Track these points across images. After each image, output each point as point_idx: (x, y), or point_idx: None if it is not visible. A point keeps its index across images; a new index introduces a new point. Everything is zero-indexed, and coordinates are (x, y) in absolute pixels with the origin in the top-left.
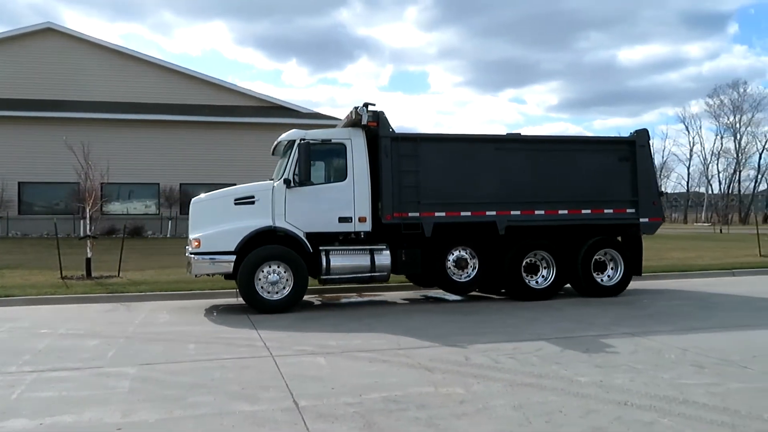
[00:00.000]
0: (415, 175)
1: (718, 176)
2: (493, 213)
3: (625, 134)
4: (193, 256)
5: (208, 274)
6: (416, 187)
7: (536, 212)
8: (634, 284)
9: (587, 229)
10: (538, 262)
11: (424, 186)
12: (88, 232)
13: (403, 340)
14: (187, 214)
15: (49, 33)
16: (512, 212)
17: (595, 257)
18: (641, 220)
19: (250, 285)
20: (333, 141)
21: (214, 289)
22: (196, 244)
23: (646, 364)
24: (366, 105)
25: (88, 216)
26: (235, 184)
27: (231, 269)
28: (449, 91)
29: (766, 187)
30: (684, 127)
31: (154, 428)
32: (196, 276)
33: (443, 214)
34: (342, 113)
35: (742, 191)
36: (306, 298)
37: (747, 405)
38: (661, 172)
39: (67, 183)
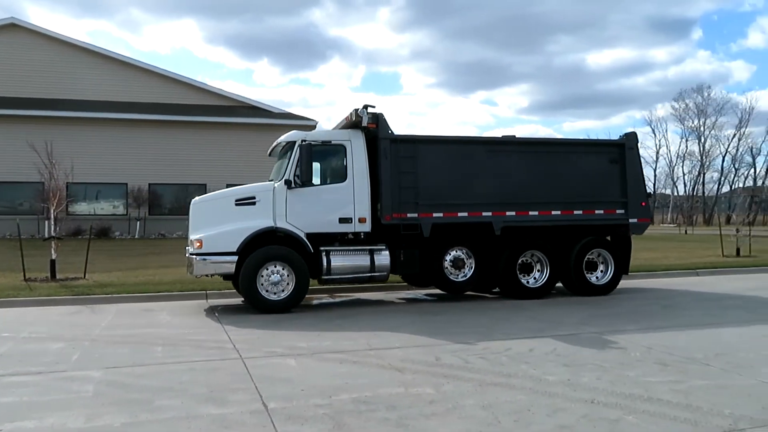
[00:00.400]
0: (413, 176)
1: (684, 178)
2: (489, 214)
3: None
4: (194, 256)
5: (209, 275)
6: (415, 188)
7: (531, 213)
8: None
9: (579, 229)
10: (532, 262)
11: (422, 187)
12: (53, 233)
13: (374, 341)
14: (157, 214)
15: (13, 29)
16: (508, 213)
17: (587, 257)
18: (630, 220)
19: (252, 285)
20: (333, 142)
21: (184, 290)
22: (198, 244)
23: (613, 363)
24: (366, 107)
25: (52, 216)
26: (206, 185)
27: (233, 270)
28: (421, 92)
29: (728, 189)
30: (651, 130)
31: None
32: (197, 276)
33: (441, 214)
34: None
35: (706, 193)
36: None
37: (709, 401)
38: None
39: (30, 182)
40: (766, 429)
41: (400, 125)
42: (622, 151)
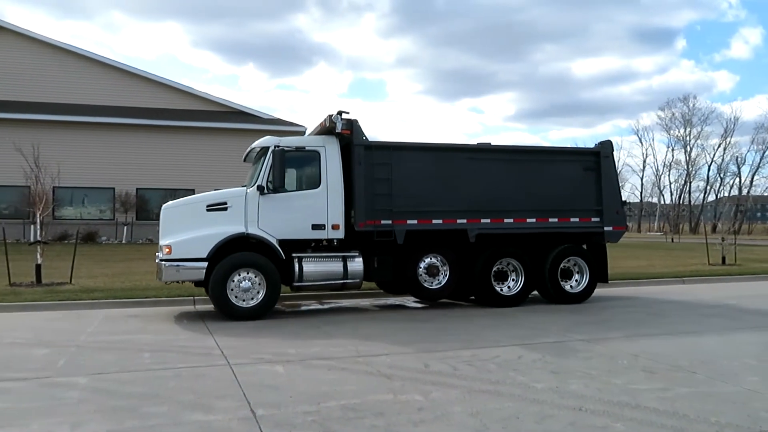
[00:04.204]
0: (387, 183)
1: (670, 187)
2: (464, 221)
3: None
4: (163, 262)
5: (178, 281)
6: (389, 195)
7: (506, 221)
8: None
9: (554, 237)
10: (507, 270)
11: (396, 194)
12: (39, 238)
13: (362, 348)
14: (145, 219)
15: None
16: (482, 220)
17: (562, 265)
18: (605, 228)
19: (222, 292)
20: (307, 148)
21: (171, 296)
22: (167, 250)
23: (600, 370)
24: (340, 113)
25: (38, 221)
26: (193, 190)
27: (203, 276)
28: (408, 99)
29: (714, 198)
30: (637, 138)
31: None
32: (166, 283)
33: (415, 221)
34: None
35: (693, 202)
36: None
37: (695, 409)
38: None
39: (15, 186)
40: None
41: (386, 132)
42: (598, 159)
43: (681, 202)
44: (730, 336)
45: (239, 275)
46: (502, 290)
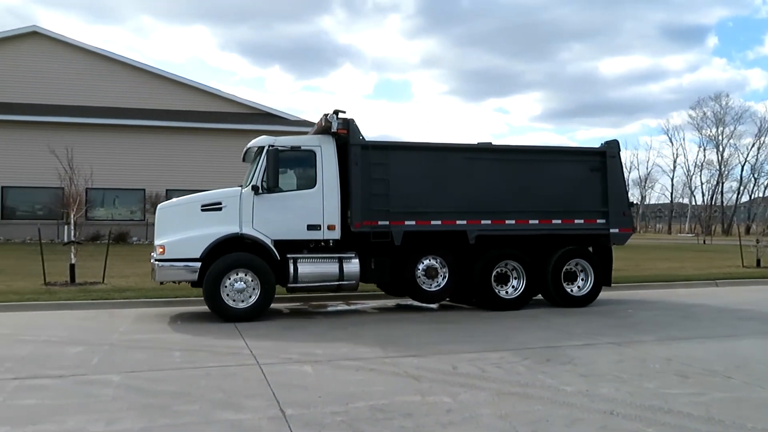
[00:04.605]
0: (385, 183)
1: (702, 187)
2: (464, 222)
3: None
4: (157, 263)
5: (173, 281)
6: (386, 195)
7: (507, 222)
8: (617, 294)
9: (558, 239)
10: (508, 272)
11: (394, 194)
12: (72, 238)
13: (389, 349)
14: None
15: (35, 36)
16: (483, 222)
17: (566, 267)
18: (611, 230)
19: (215, 293)
20: (303, 148)
21: (200, 296)
22: (161, 250)
23: (631, 374)
24: (336, 112)
25: (72, 221)
26: None
27: (196, 277)
28: (433, 99)
29: (748, 198)
30: (667, 138)
31: None
32: (161, 283)
33: (413, 222)
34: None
35: (725, 203)
36: (291, 305)
37: (731, 414)
38: (645, 182)
39: (50, 188)
40: None
41: (412, 133)
42: (604, 159)
43: (713, 203)
44: (766, 340)
45: (233, 276)
46: (502, 293)
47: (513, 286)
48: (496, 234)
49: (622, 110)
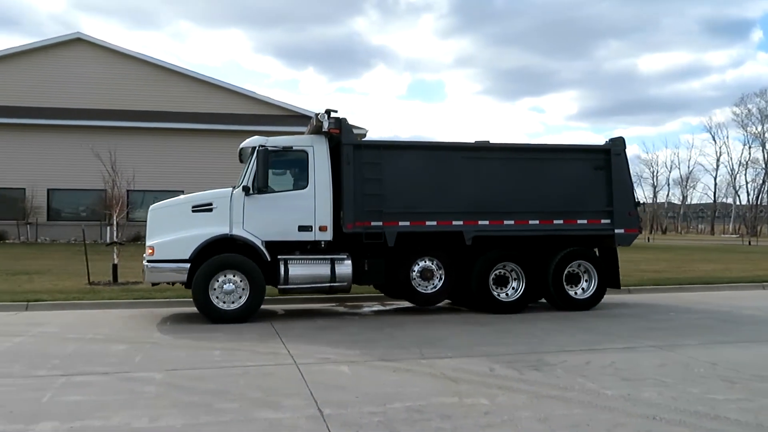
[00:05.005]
0: (378, 183)
1: (746, 187)
2: (460, 223)
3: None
4: (146, 264)
5: (163, 282)
6: (379, 195)
7: (506, 222)
8: (658, 296)
9: (560, 240)
10: (507, 274)
11: (387, 194)
12: (115, 239)
13: (425, 350)
14: None
15: (79, 43)
16: (480, 222)
17: (569, 269)
18: (616, 231)
19: (204, 294)
20: (294, 148)
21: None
22: (150, 251)
23: (674, 378)
24: (328, 111)
25: (114, 222)
26: None
27: (185, 278)
28: (467, 99)
29: None
30: (710, 136)
31: None
32: (153, 284)
33: (408, 223)
34: (361, 122)
35: None
36: (325, 306)
37: None
38: (686, 182)
39: (94, 190)
40: None
41: (445, 133)
42: (608, 156)
43: (759, 202)
44: None
45: (222, 277)
46: (502, 296)
47: (513, 288)
48: (494, 235)
49: (663, 108)
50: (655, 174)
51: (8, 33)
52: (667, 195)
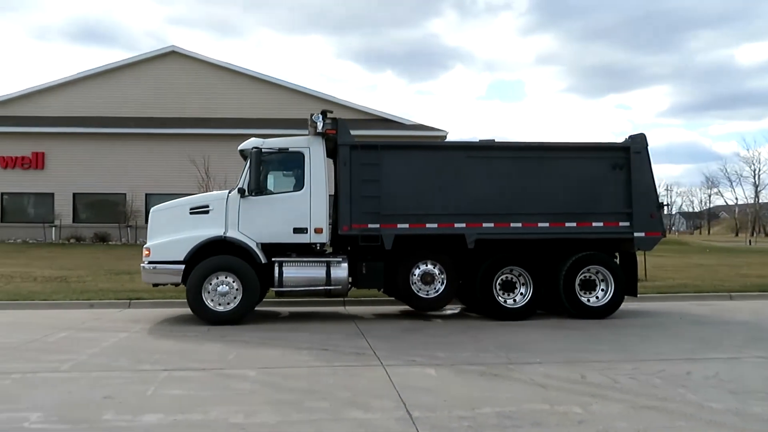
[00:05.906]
0: (375, 184)
1: None
2: (462, 225)
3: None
4: (143, 265)
5: (162, 284)
6: (377, 197)
7: (512, 225)
8: (765, 303)
9: (573, 244)
10: (514, 279)
11: (385, 196)
12: None
13: (512, 355)
14: None
15: (172, 55)
16: (484, 224)
17: (583, 275)
18: (636, 234)
19: (198, 295)
20: (290, 149)
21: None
22: (147, 252)
23: None
24: (323, 112)
25: None
26: None
27: (180, 279)
28: (549, 98)
29: None
30: None
31: (275, 430)
32: (153, 285)
33: (406, 225)
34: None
35: None
36: (405, 308)
37: None
38: None
39: (189, 194)
40: None
41: (526, 133)
42: (627, 155)
43: None
44: None
45: (216, 279)
46: (506, 302)
47: (521, 294)
48: (500, 238)
49: (764, 101)
50: (756, 172)
51: (107, 47)
52: None
